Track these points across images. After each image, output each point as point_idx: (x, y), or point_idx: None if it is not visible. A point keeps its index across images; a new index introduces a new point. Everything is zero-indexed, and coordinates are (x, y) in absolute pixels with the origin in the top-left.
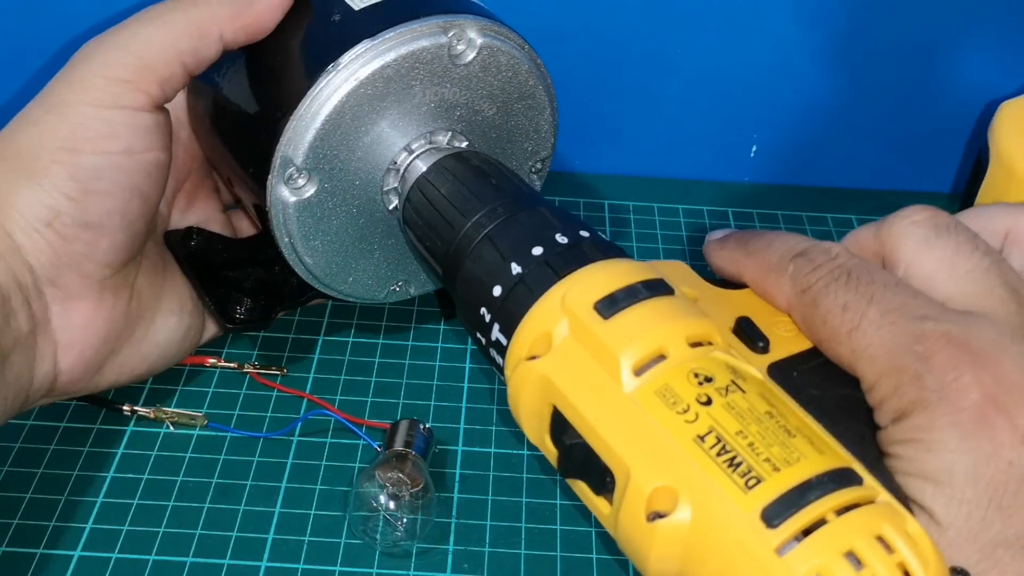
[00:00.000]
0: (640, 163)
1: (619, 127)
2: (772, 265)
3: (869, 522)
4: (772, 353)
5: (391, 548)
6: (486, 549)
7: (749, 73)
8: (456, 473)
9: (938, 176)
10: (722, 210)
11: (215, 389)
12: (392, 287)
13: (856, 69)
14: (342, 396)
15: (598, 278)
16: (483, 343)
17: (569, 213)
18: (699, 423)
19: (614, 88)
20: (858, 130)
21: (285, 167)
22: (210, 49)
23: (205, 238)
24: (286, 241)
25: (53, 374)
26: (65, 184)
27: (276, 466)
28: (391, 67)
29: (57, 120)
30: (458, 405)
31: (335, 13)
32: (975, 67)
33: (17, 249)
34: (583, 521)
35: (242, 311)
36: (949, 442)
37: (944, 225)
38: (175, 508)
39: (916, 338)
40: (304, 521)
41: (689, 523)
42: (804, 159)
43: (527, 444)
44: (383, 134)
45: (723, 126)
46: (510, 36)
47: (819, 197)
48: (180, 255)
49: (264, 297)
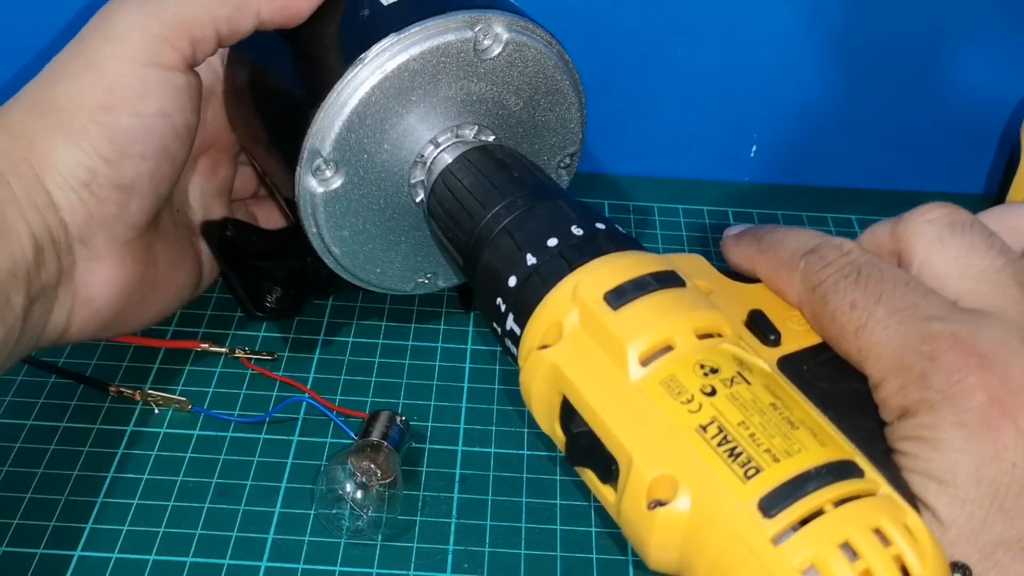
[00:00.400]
0: (640, 163)
1: (619, 127)
2: (784, 261)
3: (867, 514)
4: (784, 347)
5: (353, 537)
6: (486, 549)
7: (749, 73)
8: (456, 473)
9: (937, 176)
10: (722, 210)
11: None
12: (420, 279)
13: (856, 69)
14: (342, 396)
15: (609, 269)
16: (499, 333)
17: (588, 206)
18: (702, 413)
19: (614, 88)
20: (858, 130)
21: (313, 158)
22: (246, 22)
23: (240, 228)
24: (314, 231)
25: (65, 326)
26: (103, 146)
27: (276, 466)
28: (417, 60)
29: (95, 77)
30: (458, 405)
31: (365, 7)
32: (976, 65)
33: (54, 207)
34: (583, 521)
35: (272, 300)
36: (954, 442)
37: (960, 223)
38: (175, 508)
39: (923, 338)
40: (304, 521)
41: (688, 512)
42: (804, 159)
43: (527, 444)
44: (410, 127)
45: (723, 126)
46: (537, 32)
47: (819, 197)
48: (214, 243)
49: (295, 287)
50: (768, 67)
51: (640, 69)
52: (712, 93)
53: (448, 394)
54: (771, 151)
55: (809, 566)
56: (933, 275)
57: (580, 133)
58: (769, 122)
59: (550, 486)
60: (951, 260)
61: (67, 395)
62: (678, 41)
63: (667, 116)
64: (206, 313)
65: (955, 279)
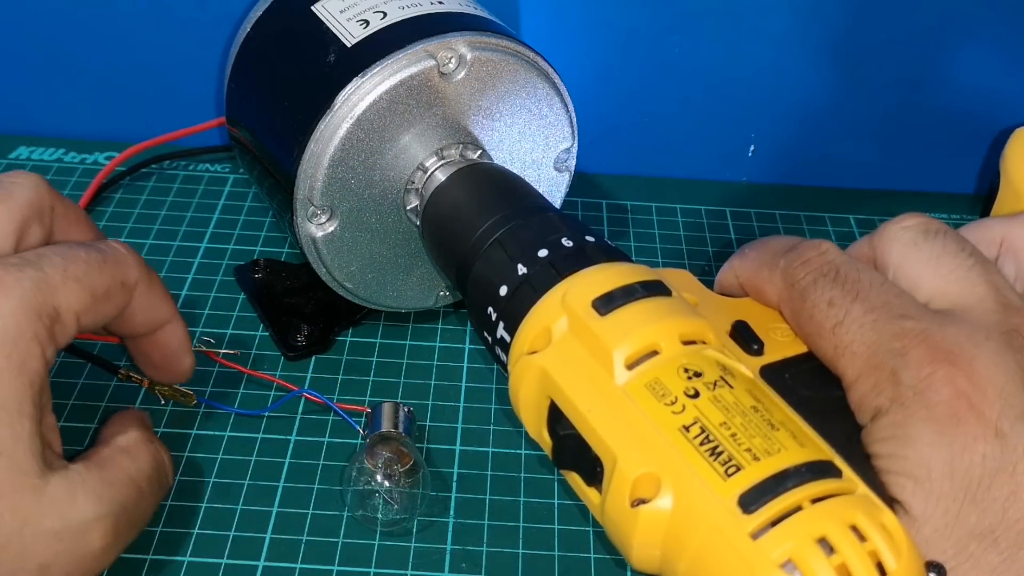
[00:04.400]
0: (638, 163)
1: (617, 127)
2: (765, 260)
3: (843, 511)
4: (766, 356)
5: (392, 527)
6: (484, 549)
7: (747, 73)
8: (454, 472)
9: (935, 176)
10: (720, 210)
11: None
12: (440, 292)
13: (854, 69)
14: (340, 396)
15: (598, 278)
16: (489, 342)
17: (578, 220)
18: (685, 414)
19: (612, 88)
20: (856, 130)
21: (305, 207)
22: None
23: (270, 268)
24: (323, 271)
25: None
26: None
27: (274, 465)
28: (384, 99)
29: None
30: (456, 404)
31: (331, 53)
32: (974, 66)
33: None
34: (581, 520)
35: (301, 338)
36: (924, 436)
37: (933, 230)
38: (172, 508)
39: (895, 336)
40: (302, 520)
41: (670, 509)
42: (802, 159)
43: (525, 443)
44: (394, 158)
45: (721, 126)
46: (503, 43)
47: (817, 197)
48: (248, 287)
49: (322, 319)
50: (767, 67)
51: (638, 69)
52: (710, 93)
53: (446, 393)
54: (769, 151)
55: (787, 559)
56: (907, 277)
57: (570, 129)
58: (767, 122)
59: (548, 485)
60: (923, 262)
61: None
62: (676, 41)
63: (665, 116)
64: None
65: (927, 280)
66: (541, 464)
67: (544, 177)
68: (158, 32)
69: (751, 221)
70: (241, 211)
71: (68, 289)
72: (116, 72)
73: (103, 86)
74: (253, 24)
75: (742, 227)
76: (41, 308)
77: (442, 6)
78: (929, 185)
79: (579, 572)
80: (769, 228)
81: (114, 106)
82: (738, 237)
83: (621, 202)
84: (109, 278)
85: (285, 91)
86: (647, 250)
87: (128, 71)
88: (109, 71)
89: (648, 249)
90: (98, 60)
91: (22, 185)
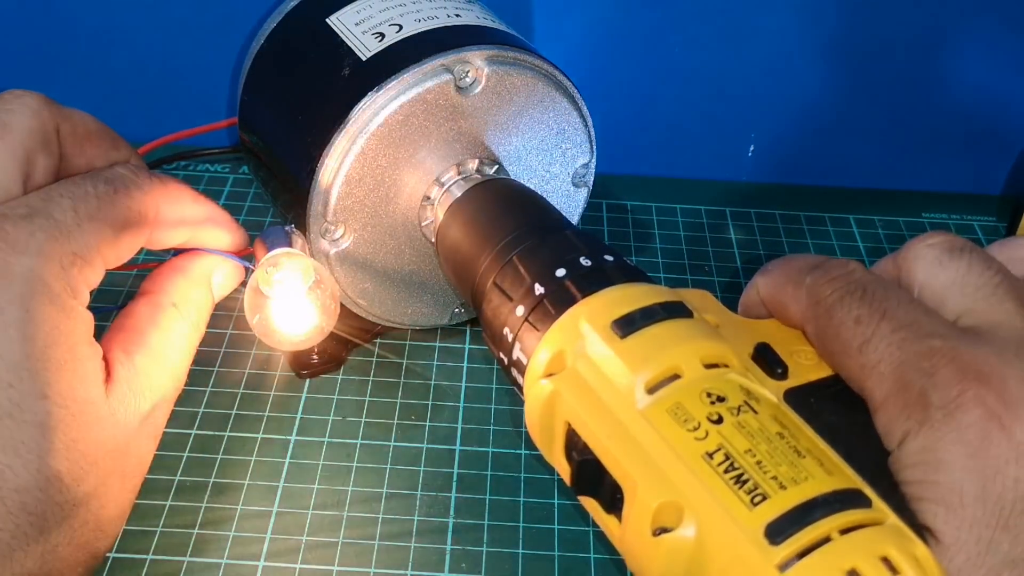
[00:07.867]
0: (638, 163)
1: (617, 127)
2: (790, 277)
3: (874, 543)
4: (790, 380)
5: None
6: (484, 549)
7: (747, 72)
8: (454, 472)
9: (935, 176)
10: (720, 210)
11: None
12: (455, 309)
13: (854, 68)
14: (339, 395)
15: (617, 298)
16: (505, 363)
17: (596, 238)
18: (708, 440)
19: (612, 87)
20: (856, 130)
21: (318, 223)
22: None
23: None
24: (337, 288)
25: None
26: None
27: (273, 465)
28: (400, 113)
29: None
30: (456, 404)
31: (345, 67)
32: (975, 66)
33: None
34: (581, 521)
35: (313, 358)
36: (956, 460)
37: (959, 247)
38: (172, 507)
39: (923, 355)
40: (302, 520)
41: (693, 538)
42: (802, 159)
43: (525, 443)
44: (410, 175)
45: (721, 126)
46: (521, 56)
47: (817, 197)
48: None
49: (336, 339)
50: (766, 66)
51: (638, 68)
52: (710, 92)
53: (446, 393)
54: (769, 151)
55: None
56: (933, 296)
57: (588, 144)
58: (767, 122)
59: (548, 485)
60: (949, 280)
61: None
62: (676, 41)
63: (665, 115)
64: None
65: (954, 298)
66: (541, 464)
67: (562, 192)
68: (159, 34)
69: (751, 221)
70: (241, 211)
71: (83, 231)
72: (116, 73)
73: (103, 87)
74: (267, 36)
75: (742, 227)
76: (61, 258)
77: (459, 19)
78: (929, 185)
79: (579, 572)
80: (769, 228)
81: (114, 107)
82: (738, 237)
83: (621, 202)
84: (125, 208)
85: (299, 105)
86: (647, 250)
87: (128, 72)
88: (109, 72)
89: (648, 249)
90: (98, 61)
91: (19, 112)
